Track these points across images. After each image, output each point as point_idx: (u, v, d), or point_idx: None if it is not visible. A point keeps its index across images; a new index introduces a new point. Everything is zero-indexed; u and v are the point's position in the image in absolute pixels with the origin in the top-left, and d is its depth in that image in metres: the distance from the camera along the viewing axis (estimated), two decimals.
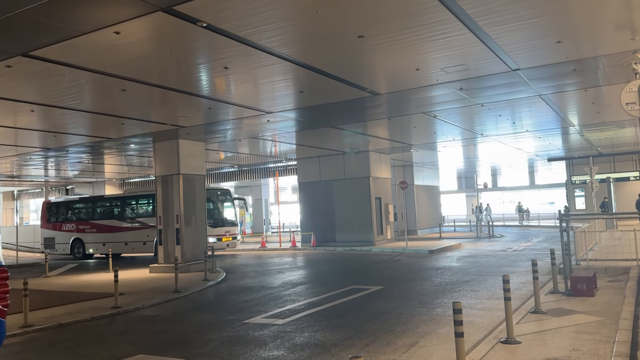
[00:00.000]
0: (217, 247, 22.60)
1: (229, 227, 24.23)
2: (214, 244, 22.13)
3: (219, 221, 23.94)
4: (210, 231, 21.74)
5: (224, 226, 23.91)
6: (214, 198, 24.24)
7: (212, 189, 25.04)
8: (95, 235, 25.90)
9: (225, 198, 25.10)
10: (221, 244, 23.37)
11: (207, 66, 10.11)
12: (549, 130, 21.87)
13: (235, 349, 7.41)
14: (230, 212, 25.08)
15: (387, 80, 12.05)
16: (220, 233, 23.41)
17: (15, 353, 7.81)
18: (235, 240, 24.38)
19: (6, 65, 9.09)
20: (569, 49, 10.06)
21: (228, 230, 23.89)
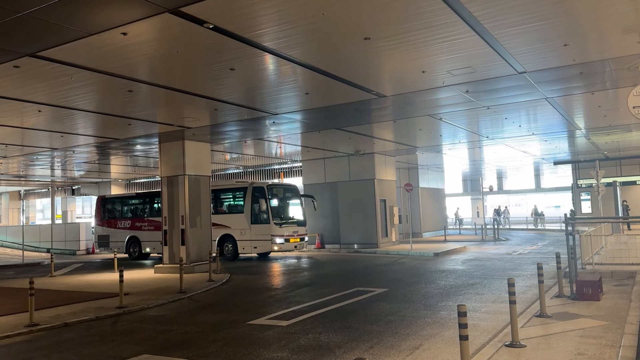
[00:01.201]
0: (285, 248, 21.42)
1: (297, 226, 22.30)
2: (282, 245, 21.14)
3: (287, 220, 22.09)
4: (276, 231, 21.05)
5: (292, 225, 22.01)
6: (280, 195, 22.63)
7: (278, 185, 23.57)
8: (152, 233, 24.14)
9: (292, 195, 23.28)
10: (288, 245, 21.50)
11: (213, 67, 10.14)
12: (555, 134, 21.81)
13: (240, 349, 7.41)
14: (298, 211, 23.05)
15: (392, 83, 12.05)
16: (288, 233, 21.52)
17: (20, 352, 7.84)
18: (303, 242, 22.46)
19: (14, 65, 9.15)
20: (575, 52, 10.03)
21: (296, 231, 21.99)
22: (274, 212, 21.41)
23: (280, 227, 21.30)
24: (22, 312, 10.36)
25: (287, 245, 21.42)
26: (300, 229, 22.31)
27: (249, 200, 21.80)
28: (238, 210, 22.47)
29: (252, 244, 21.60)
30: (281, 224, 21.45)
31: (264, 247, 21.32)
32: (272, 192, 21.82)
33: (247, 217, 21.86)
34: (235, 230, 22.13)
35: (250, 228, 21.66)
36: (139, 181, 35.34)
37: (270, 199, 21.46)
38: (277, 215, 21.55)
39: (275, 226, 21.13)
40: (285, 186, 23.76)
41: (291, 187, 23.71)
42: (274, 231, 21.07)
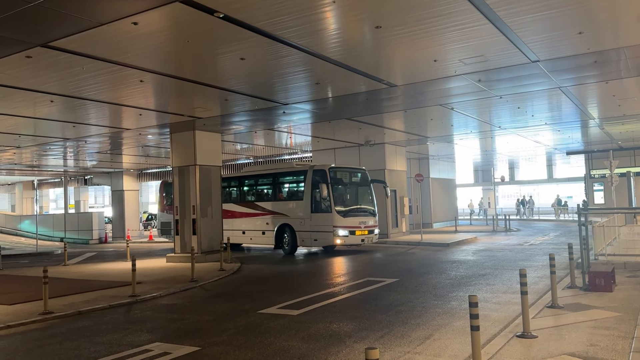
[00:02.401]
0: (349, 242, 18.57)
1: (365, 216, 19.20)
2: (345, 238, 18.31)
3: (352, 209, 19.01)
4: (339, 221, 18.24)
5: (358, 215, 18.99)
6: (345, 179, 19.56)
7: (343, 169, 20.17)
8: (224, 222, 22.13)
9: (360, 180, 19.99)
10: (354, 238, 18.55)
11: (224, 57, 10.12)
12: (569, 123, 21.57)
13: (251, 338, 7.46)
14: (366, 198, 19.86)
15: (404, 72, 11.96)
16: (353, 224, 18.56)
17: (35, 339, 7.96)
18: (373, 235, 19.25)
19: (26, 55, 9.21)
20: (590, 41, 9.88)
21: (364, 222, 18.92)
22: (336, 199, 18.48)
23: (344, 216, 18.41)
24: (37, 300, 10.51)
25: (351, 239, 18.49)
26: (369, 220, 19.20)
27: (309, 186, 18.96)
28: (297, 196, 19.72)
29: (312, 235, 18.82)
30: (345, 212, 18.52)
31: (325, 239, 18.49)
32: (334, 176, 18.84)
33: (306, 204, 19.04)
34: (294, 220, 19.47)
35: (310, 217, 18.86)
36: (150, 171, 35.55)
37: (333, 183, 18.54)
38: (340, 203, 18.61)
39: (337, 215, 18.23)
40: (351, 170, 20.34)
41: (359, 171, 20.33)
42: (337, 221, 18.20)
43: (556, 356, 5.85)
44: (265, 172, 22.05)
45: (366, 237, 18.85)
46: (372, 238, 19.15)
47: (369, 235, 18.99)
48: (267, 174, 21.56)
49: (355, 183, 19.77)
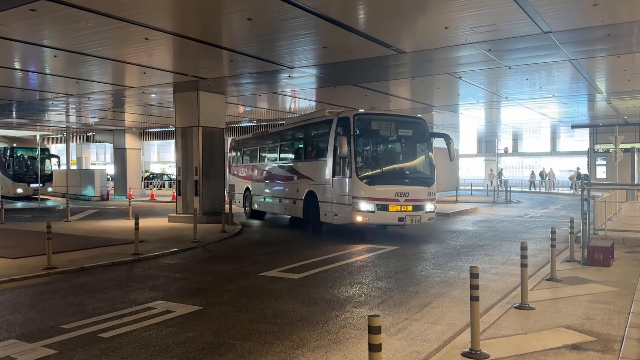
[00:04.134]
0: (378, 220, 13.28)
1: (408, 185, 13.36)
2: (370, 215, 12.87)
3: (385, 174, 13.46)
4: (363, 190, 12.87)
5: (395, 183, 13.26)
6: (384, 132, 13.84)
7: (380, 117, 14.36)
8: (258, 186, 19.34)
9: (408, 134, 14.07)
10: (386, 215, 13.01)
11: (231, 17, 9.94)
12: (576, 97, 21.37)
13: (252, 299, 7.57)
14: (416, 161, 14.35)
15: (413, 38, 11.77)
16: (386, 196, 12.91)
17: (39, 293, 8.08)
18: (422, 213, 13.32)
19: (30, 8, 9.03)
20: (604, 13, 9.68)
21: (405, 192, 13.03)
22: (361, 158, 13.21)
23: (370, 184, 12.93)
24: (40, 255, 10.63)
25: (382, 216, 12.99)
26: (416, 191, 13.27)
27: (332, 141, 13.77)
28: (321, 155, 14.80)
29: (334, 208, 13.79)
30: (371, 178, 13.01)
31: (345, 215, 13.31)
32: (364, 127, 13.33)
33: (328, 166, 14.07)
34: (318, 187, 14.66)
35: (332, 184, 13.87)
36: (153, 130, 35.44)
37: (360, 136, 13.18)
38: (366, 165, 13.26)
39: (359, 182, 12.86)
40: (393, 118, 14.32)
41: (407, 121, 14.45)
42: (357, 190, 12.87)
43: (553, 328, 5.94)
44: (290, 125, 18.07)
45: (409, 215, 12.93)
46: (419, 217, 13.12)
47: (415, 213, 13.03)
48: (291, 128, 17.80)
49: (399, 138, 14.10)
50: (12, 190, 29.62)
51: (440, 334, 5.98)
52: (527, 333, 5.78)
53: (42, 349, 5.49)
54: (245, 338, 5.85)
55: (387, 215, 13.08)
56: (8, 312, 7.00)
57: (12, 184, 29.93)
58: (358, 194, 12.92)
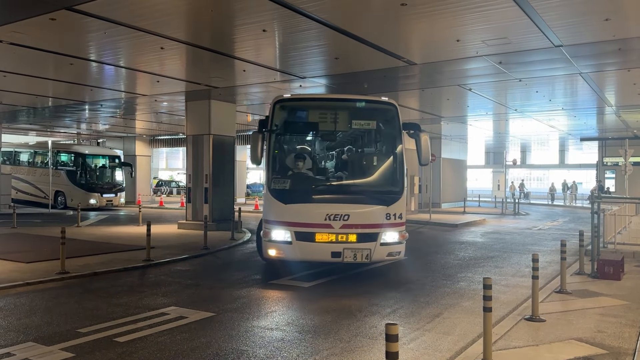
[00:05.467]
0: (295, 256, 9.39)
1: (365, 202, 9.43)
2: (286, 249, 9.29)
3: (330, 185, 9.98)
4: (277, 211, 9.40)
5: (328, 200, 9.38)
6: (319, 121, 10.11)
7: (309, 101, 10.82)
8: None
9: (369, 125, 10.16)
10: (311, 248, 9.20)
11: (246, 28, 10.08)
12: (585, 110, 21.36)
13: (264, 307, 7.65)
14: (382, 168, 10.08)
15: (425, 50, 11.87)
16: (315, 220, 9.12)
17: (53, 297, 8.19)
18: (375, 245, 9.23)
19: (50, 18, 9.21)
20: (616, 27, 9.74)
21: (339, 214, 9.10)
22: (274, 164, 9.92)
23: (285, 201, 9.37)
24: (53, 259, 10.76)
25: (304, 250, 9.19)
26: (358, 211, 9.23)
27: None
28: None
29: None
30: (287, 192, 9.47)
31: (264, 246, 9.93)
32: (286, 117, 10.01)
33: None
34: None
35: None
36: (162, 138, 35.69)
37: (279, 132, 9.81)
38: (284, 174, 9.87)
39: (270, 198, 9.59)
40: (333, 102, 10.53)
41: (357, 106, 10.10)
42: (267, 210, 9.79)
43: (564, 340, 5.98)
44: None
45: (350, 248, 8.96)
46: (369, 251, 9.03)
47: (360, 245, 9.01)
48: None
49: (348, 131, 10.44)
50: (85, 201, 26.36)
51: (452, 344, 6.02)
52: (539, 345, 5.82)
53: (59, 352, 5.59)
54: (258, 345, 5.92)
55: (312, 249, 8.96)
56: (24, 315, 7.11)
57: (84, 195, 26.84)
58: (269, 215, 9.34)
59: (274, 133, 9.58)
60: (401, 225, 9.49)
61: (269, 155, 9.53)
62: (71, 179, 27.30)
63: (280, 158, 9.85)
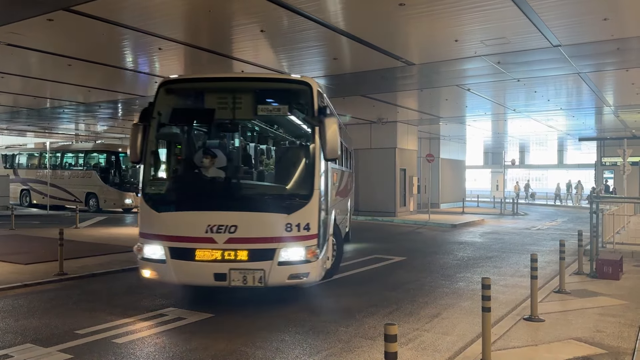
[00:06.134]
0: (170, 278, 7.37)
1: (258, 209, 7.25)
2: (162, 269, 7.34)
3: (214, 188, 7.63)
4: (154, 223, 7.47)
5: (226, 207, 7.26)
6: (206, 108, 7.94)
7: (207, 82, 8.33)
8: None
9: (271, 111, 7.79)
10: (194, 269, 7.10)
11: (244, 28, 10.09)
12: (584, 109, 21.41)
13: (262, 308, 7.63)
14: (284, 165, 8.38)
15: (423, 51, 11.89)
16: (194, 232, 7.12)
17: (51, 299, 8.17)
18: (272, 265, 7.04)
19: (48, 18, 9.20)
20: (614, 27, 9.77)
21: (222, 226, 7.00)
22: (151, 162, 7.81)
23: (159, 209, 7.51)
24: (50, 261, 10.72)
25: (182, 270, 7.18)
26: (248, 220, 7.13)
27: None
28: None
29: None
30: (162, 198, 7.76)
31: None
32: (171, 103, 7.80)
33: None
34: None
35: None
36: None
37: (161, 122, 7.69)
38: (159, 175, 8.23)
39: (144, 205, 7.73)
40: (230, 83, 8.26)
41: (257, 86, 8.12)
42: (141, 220, 7.92)
43: (563, 340, 5.97)
44: None
45: (239, 268, 6.98)
46: (263, 273, 6.97)
47: (251, 265, 7.01)
48: None
49: (247, 119, 8.34)
50: (120, 201, 25.32)
51: (451, 344, 6.01)
52: (538, 345, 5.81)
53: (57, 354, 5.57)
54: (257, 346, 5.90)
55: (190, 270, 7.08)
56: (22, 316, 7.08)
57: (120, 195, 25.30)
58: (142, 226, 7.65)
59: (155, 124, 7.48)
60: (310, 239, 7.09)
61: (146, 152, 7.42)
62: (104, 179, 25.59)
63: (160, 155, 7.95)
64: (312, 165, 7.29)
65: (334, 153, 7.06)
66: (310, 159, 7.34)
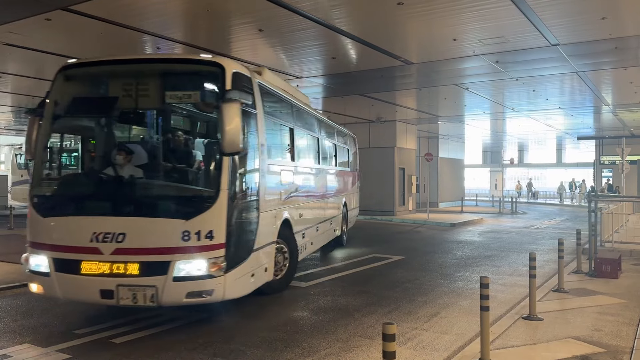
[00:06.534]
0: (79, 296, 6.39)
1: (152, 214, 6.26)
2: (46, 283, 6.30)
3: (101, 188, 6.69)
4: (40, 229, 6.54)
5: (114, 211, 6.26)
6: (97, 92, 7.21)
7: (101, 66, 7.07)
8: None
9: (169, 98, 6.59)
10: (78, 284, 6.11)
11: (242, 28, 10.08)
12: (582, 108, 21.43)
13: (261, 308, 7.62)
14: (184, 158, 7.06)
15: (421, 50, 11.89)
16: (77, 242, 6.11)
17: (49, 299, 8.13)
18: (166, 281, 5.96)
19: (46, 18, 9.19)
20: (612, 26, 9.78)
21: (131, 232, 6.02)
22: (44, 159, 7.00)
23: (45, 213, 6.54)
24: None
25: (66, 284, 6.20)
26: (139, 227, 6.12)
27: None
28: None
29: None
30: (47, 200, 6.74)
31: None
32: (69, 91, 6.86)
33: None
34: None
35: None
36: None
37: (55, 114, 6.73)
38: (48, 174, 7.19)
39: (31, 210, 6.68)
40: (124, 67, 6.97)
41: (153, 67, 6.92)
42: (28, 226, 6.75)
43: (561, 339, 5.97)
44: None
45: (127, 284, 5.94)
46: (155, 290, 5.91)
47: (142, 280, 5.96)
48: None
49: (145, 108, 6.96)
50: None
51: (449, 343, 6.01)
52: (536, 344, 5.82)
53: (56, 354, 5.56)
54: (256, 345, 5.90)
55: (75, 285, 6.16)
56: (21, 317, 7.08)
57: None
58: (30, 234, 6.66)
59: (49, 115, 6.63)
60: (213, 250, 6.02)
61: (37, 148, 6.59)
62: None
63: (52, 151, 7.10)
64: (219, 161, 6.15)
65: (233, 146, 5.86)
66: (216, 153, 6.24)
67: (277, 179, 8.18)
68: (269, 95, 8.04)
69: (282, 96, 9.06)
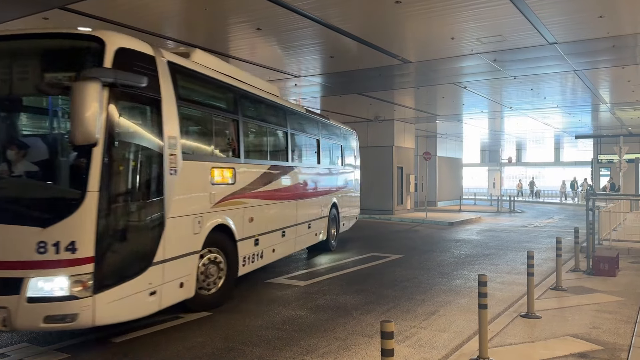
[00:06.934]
0: None
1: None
2: None
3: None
4: None
5: None
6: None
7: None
8: None
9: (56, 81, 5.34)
10: None
11: (240, 27, 10.08)
12: (580, 107, 21.48)
13: (259, 306, 7.62)
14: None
15: (419, 48, 11.89)
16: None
17: None
18: (20, 302, 5.00)
19: (43, 17, 9.17)
20: (610, 25, 9.79)
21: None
22: None
23: None
24: None
25: None
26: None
27: None
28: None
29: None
30: None
31: None
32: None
33: None
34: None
35: None
36: None
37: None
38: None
39: None
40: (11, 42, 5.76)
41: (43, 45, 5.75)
42: None
43: (559, 337, 5.98)
44: None
45: None
46: (8, 313, 4.98)
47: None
48: None
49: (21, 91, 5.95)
50: None
51: (447, 341, 6.02)
52: (534, 342, 5.83)
53: (54, 353, 5.56)
54: (254, 344, 5.90)
55: None
56: None
57: None
58: None
59: None
60: (78, 265, 5.03)
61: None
62: None
63: None
64: (87, 155, 5.09)
65: (85, 136, 4.81)
66: (86, 147, 5.08)
67: (202, 178, 7.05)
68: (192, 78, 7.07)
69: (218, 81, 7.74)
